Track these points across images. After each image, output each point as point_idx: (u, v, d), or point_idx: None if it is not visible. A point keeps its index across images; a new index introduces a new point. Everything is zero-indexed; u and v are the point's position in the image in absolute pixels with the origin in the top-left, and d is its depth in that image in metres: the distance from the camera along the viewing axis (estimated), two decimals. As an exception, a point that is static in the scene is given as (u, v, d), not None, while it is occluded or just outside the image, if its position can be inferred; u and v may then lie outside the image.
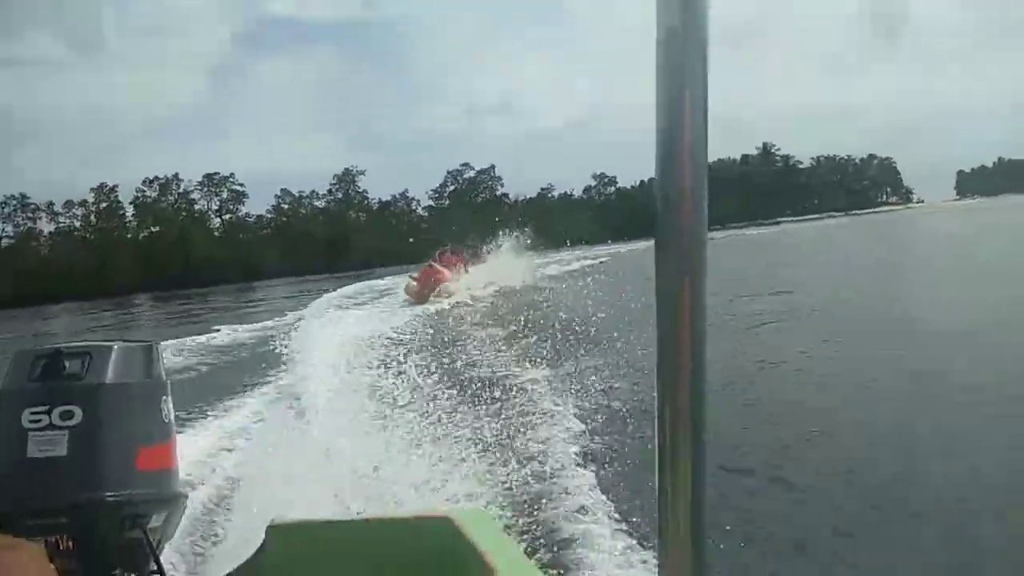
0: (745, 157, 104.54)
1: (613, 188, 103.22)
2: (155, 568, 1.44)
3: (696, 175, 0.60)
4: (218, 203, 77.10)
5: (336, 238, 69.55)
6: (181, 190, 74.62)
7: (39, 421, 1.41)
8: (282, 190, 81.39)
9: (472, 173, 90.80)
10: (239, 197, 77.45)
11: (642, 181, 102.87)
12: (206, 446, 6.18)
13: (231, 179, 76.66)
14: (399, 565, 1.36)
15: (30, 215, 68.32)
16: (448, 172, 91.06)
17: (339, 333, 11.72)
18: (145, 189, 72.67)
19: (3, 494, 1.45)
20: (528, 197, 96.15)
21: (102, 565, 1.40)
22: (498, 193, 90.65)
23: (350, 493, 4.46)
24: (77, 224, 69.49)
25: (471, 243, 27.88)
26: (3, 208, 67.17)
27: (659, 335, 0.63)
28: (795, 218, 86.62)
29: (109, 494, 1.42)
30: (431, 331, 13.13)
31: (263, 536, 1.43)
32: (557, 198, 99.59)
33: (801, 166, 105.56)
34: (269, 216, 79.93)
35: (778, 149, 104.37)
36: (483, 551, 1.22)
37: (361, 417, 6.35)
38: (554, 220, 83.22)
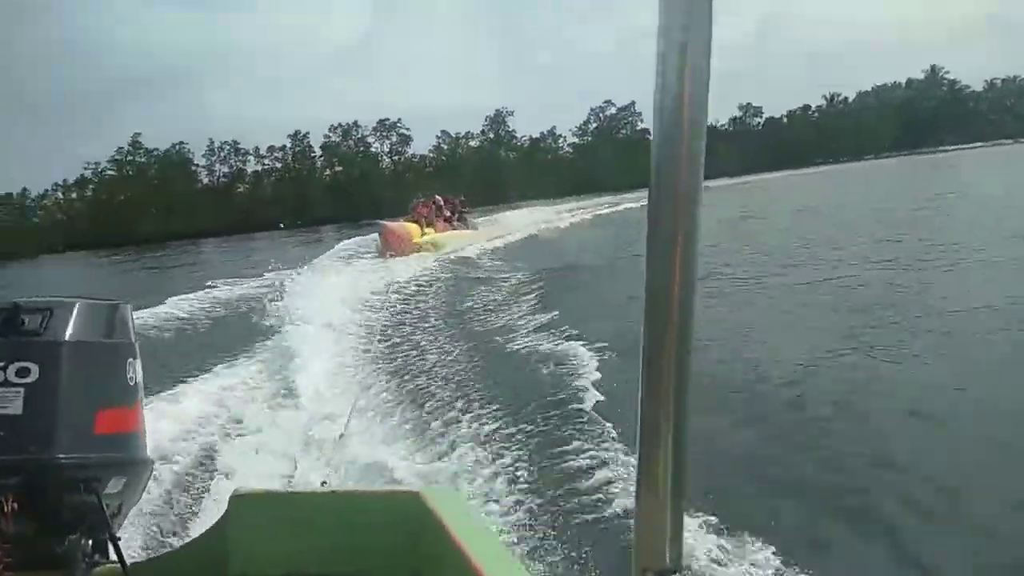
0: (910, 81, 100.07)
1: (760, 119, 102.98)
2: (109, 533, 1.37)
3: (695, 132, 0.60)
4: (388, 145, 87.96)
5: (489, 175, 77.59)
6: (359, 135, 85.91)
7: None
8: (442, 131, 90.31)
9: (613, 110, 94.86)
10: (406, 140, 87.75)
11: (792, 111, 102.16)
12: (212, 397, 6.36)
13: (399, 124, 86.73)
14: (366, 539, 1.34)
15: (240, 158, 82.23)
16: (591, 109, 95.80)
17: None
18: (331, 135, 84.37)
19: None
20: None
21: (51, 527, 1.33)
22: (639, 128, 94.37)
23: (322, 466, 4.43)
24: (278, 165, 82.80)
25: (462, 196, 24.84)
26: (220, 152, 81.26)
27: (647, 293, 0.64)
28: (960, 146, 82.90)
29: (62, 455, 1.35)
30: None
31: (226, 505, 1.40)
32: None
33: (969, 90, 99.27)
34: (431, 156, 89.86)
35: (947, 72, 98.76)
36: (452, 529, 1.21)
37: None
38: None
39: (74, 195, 75.66)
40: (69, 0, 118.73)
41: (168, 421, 5.51)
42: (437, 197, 22.13)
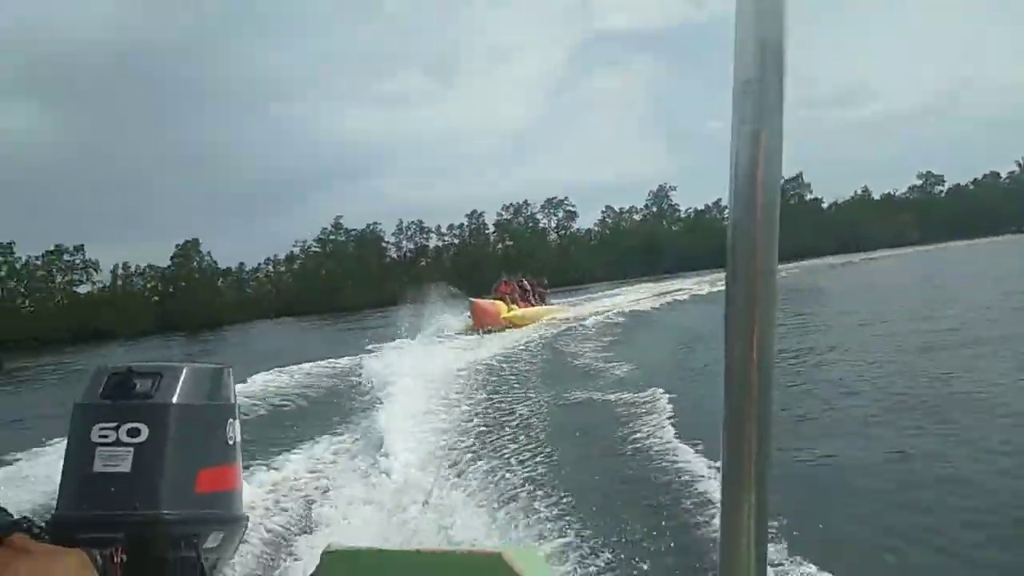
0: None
1: (941, 187, 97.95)
2: None
3: (768, 204, 0.62)
4: (555, 221, 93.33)
5: (652, 246, 79.90)
6: (528, 212, 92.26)
7: (107, 437, 1.44)
8: (607, 206, 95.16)
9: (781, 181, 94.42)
10: (571, 215, 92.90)
11: (984, 174, 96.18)
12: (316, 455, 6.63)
13: (566, 200, 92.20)
14: None
15: (424, 235, 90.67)
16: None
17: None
18: (503, 212, 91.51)
19: (67, 504, 1.50)
20: (842, 200, 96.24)
21: None
22: (807, 198, 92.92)
23: (412, 525, 4.56)
24: (456, 241, 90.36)
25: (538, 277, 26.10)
26: (407, 230, 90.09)
27: (727, 363, 0.65)
28: None
29: (166, 512, 1.44)
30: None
31: (318, 562, 1.45)
32: (879, 199, 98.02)
33: None
34: (596, 229, 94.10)
35: None
36: None
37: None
38: (870, 224, 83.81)
39: (283, 268, 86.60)
40: (278, 105, 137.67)
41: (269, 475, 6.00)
42: (521, 278, 23.84)
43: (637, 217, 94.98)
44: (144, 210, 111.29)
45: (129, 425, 1.47)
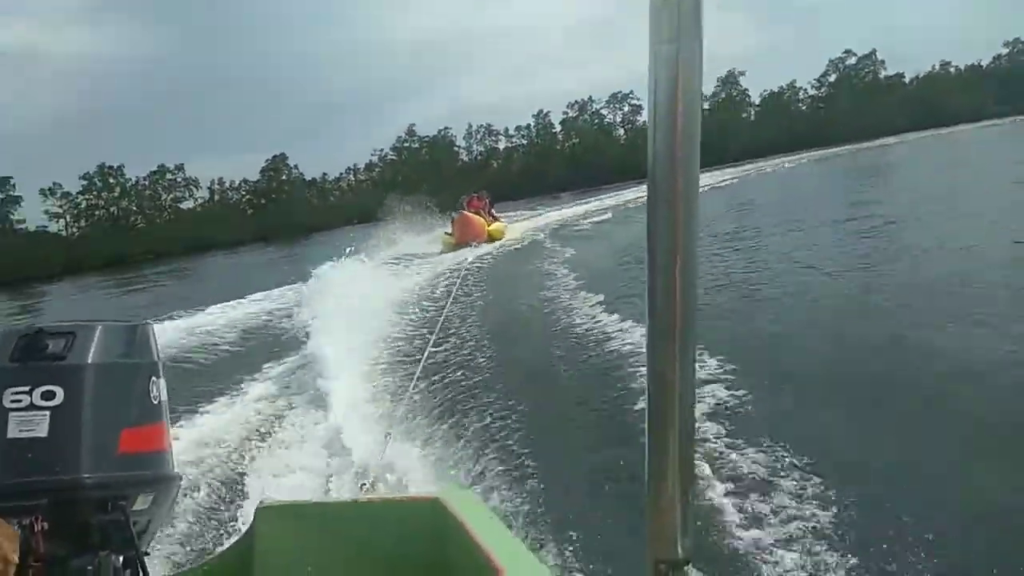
0: None
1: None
2: (136, 550, 1.39)
3: (689, 124, 0.60)
4: (620, 116, 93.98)
5: (718, 136, 79.79)
6: (593, 108, 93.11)
7: (20, 401, 1.37)
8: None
9: (853, 60, 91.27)
10: (636, 109, 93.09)
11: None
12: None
13: (631, 95, 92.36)
14: (388, 546, 1.38)
15: (493, 138, 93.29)
16: (830, 60, 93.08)
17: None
18: (568, 110, 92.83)
19: None
20: (921, 74, 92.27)
21: (80, 546, 1.33)
22: (881, 76, 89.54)
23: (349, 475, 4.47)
24: (524, 141, 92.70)
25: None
26: (476, 134, 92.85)
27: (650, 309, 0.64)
28: None
29: (88, 475, 1.36)
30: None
31: (252, 518, 1.44)
32: (963, 70, 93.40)
33: None
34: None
35: None
36: (472, 532, 1.23)
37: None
38: (946, 98, 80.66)
39: (363, 177, 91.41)
40: (358, 12, 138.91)
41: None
42: (484, 192, 24.38)
43: (706, 105, 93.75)
44: (235, 125, 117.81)
45: (43, 388, 1.37)
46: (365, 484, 3.42)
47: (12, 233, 72.59)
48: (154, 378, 1.53)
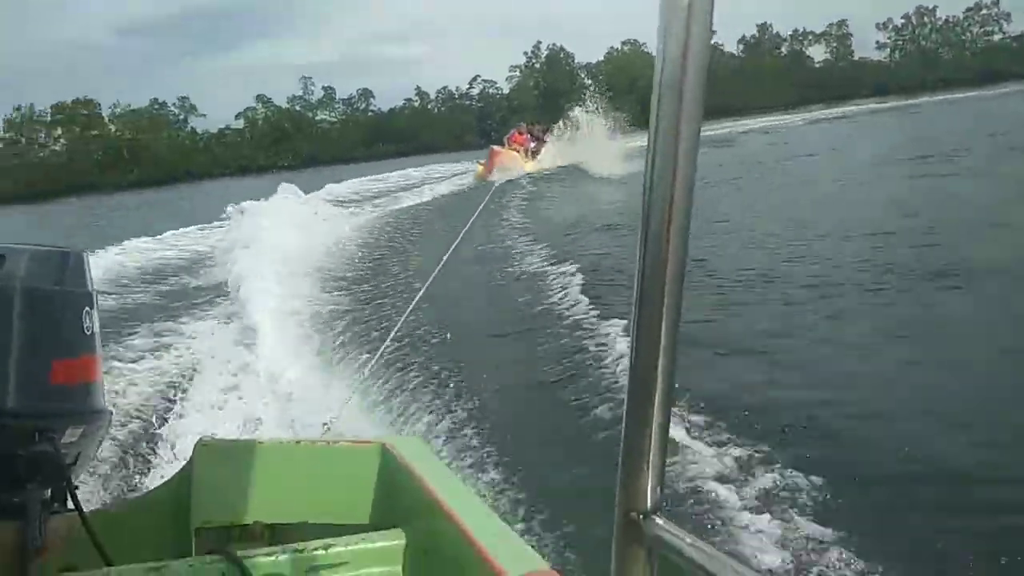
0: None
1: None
2: (66, 481, 1.38)
3: (691, 116, 0.59)
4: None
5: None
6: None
7: None
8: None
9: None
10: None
11: None
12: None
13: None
14: (332, 489, 1.37)
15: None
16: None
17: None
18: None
19: None
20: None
21: (8, 477, 1.32)
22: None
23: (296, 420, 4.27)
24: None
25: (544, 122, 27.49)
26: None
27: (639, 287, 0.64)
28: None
29: (16, 406, 1.32)
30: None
31: (191, 453, 1.42)
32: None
33: None
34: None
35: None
36: (421, 477, 1.24)
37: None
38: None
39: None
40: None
41: None
42: (533, 126, 25.75)
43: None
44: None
45: None
46: (327, 424, 3.28)
47: None
48: (87, 308, 1.48)
